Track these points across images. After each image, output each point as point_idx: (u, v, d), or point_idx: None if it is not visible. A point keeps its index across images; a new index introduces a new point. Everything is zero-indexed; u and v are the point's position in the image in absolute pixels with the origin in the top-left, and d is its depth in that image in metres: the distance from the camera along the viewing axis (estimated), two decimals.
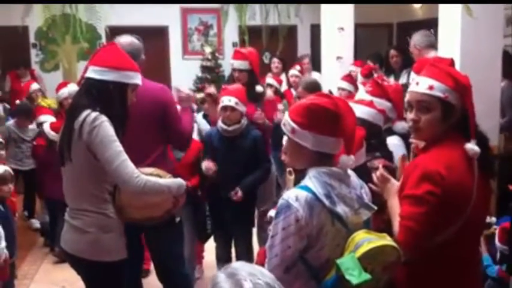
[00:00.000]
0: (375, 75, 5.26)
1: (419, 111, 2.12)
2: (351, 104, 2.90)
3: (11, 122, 6.31)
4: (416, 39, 4.71)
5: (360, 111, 3.03)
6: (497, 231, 3.51)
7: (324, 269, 1.99)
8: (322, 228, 1.97)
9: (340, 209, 2.00)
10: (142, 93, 3.02)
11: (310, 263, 2.00)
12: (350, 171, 2.14)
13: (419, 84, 2.12)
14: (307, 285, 2.02)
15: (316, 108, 2.04)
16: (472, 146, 2.06)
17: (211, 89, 4.40)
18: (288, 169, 2.55)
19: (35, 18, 7.88)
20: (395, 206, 2.14)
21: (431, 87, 2.07)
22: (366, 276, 1.83)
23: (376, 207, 2.12)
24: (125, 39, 3.19)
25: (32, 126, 6.03)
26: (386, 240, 1.95)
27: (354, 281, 1.81)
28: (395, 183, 2.25)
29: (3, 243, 3.58)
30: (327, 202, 1.97)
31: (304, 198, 1.97)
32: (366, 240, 1.91)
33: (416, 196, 2.02)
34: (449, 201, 2.01)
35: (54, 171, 4.57)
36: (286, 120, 2.10)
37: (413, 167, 2.12)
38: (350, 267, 1.83)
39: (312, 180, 2.01)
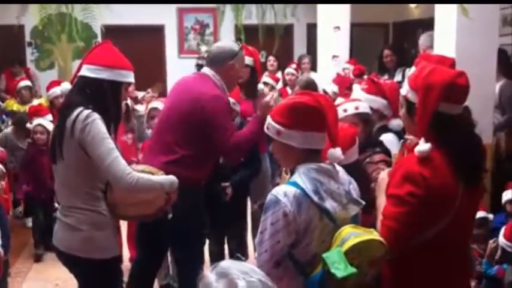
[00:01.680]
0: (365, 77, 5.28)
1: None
2: (366, 95, 3.29)
3: (9, 130, 6.07)
4: (422, 39, 4.78)
5: (371, 101, 3.29)
6: (504, 228, 3.45)
7: (311, 265, 2.00)
8: (310, 224, 1.99)
9: (329, 204, 2.02)
10: (187, 93, 3.09)
11: (298, 259, 2.02)
12: (339, 167, 2.16)
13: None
14: (295, 281, 2.03)
15: (299, 106, 2.07)
16: (418, 147, 2.01)
17: None
18: (284, 168, 2.55)
19: (31, 17, 7.86)
20: (382, 204, 2.15)
21: (401, 86, 2.24)
22: (352, 270, 1.84)
23: (364, 202, 2.13)
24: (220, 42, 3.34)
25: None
26: (373, 235, 1.95)
27: (339, 274, 1.81)
28: (386, 181, 2.24)
29: None
30: (315, 198, 1.99)
31: (292, 194, 1.99)
32: (352, 235, 1.92)
33: (398, 196, 2.02)
34: (431, 201, 1.99)
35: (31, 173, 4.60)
36: (269, 123, 2.12)
37: (399, 165, 2.13)
38: (336, 261, 1.84)
39: (301, 176, 2.04)
